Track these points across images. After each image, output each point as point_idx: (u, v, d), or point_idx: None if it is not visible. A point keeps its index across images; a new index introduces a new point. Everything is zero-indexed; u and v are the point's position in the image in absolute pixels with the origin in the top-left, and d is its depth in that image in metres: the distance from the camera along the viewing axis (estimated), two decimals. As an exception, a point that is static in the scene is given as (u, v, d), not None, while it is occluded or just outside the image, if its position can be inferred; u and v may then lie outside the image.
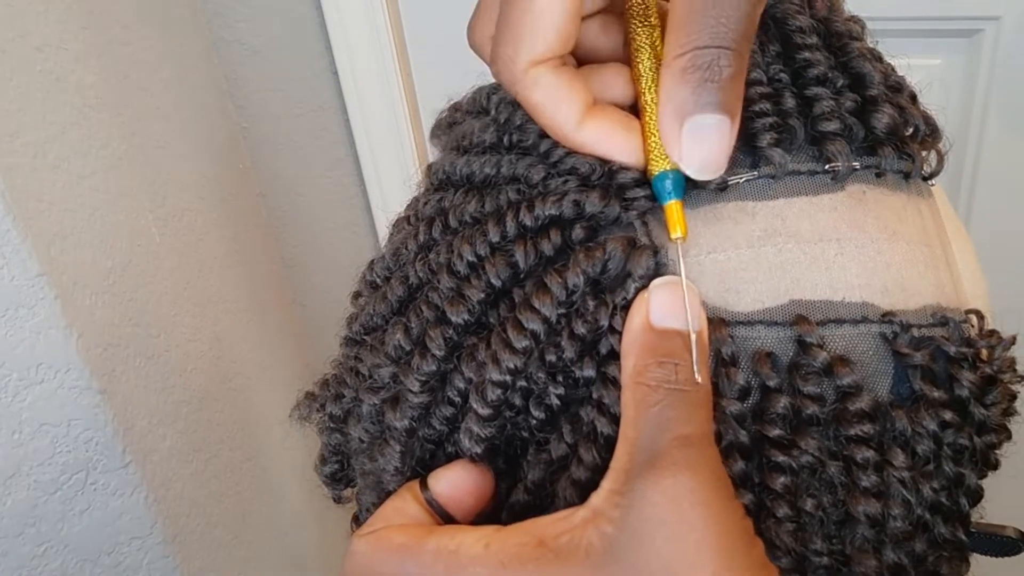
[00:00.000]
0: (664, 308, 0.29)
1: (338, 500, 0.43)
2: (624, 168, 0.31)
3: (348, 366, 0.37)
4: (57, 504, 0.84)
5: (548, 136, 0.32)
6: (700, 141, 0.28)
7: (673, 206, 0.30)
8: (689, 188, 0.30)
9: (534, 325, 0.30)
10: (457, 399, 0.32)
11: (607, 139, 0.31)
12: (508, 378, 0.31)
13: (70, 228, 0.78)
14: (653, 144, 0.30)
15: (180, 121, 1.02)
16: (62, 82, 0.80)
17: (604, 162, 0.31)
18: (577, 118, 0.31)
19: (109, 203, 0.85)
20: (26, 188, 0.73)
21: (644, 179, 0.31)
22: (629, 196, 0.31)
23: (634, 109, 0.32)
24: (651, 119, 0.30)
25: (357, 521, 0.41)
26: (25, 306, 0.74)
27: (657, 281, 0.30)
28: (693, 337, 0.29)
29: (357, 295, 0.39)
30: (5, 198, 0.70)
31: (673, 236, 0.30)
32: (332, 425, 0.39)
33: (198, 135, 1.06)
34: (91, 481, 0.84)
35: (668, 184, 0.30)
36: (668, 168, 0.30)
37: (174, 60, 1.02)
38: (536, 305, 0.30)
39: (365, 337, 0.36)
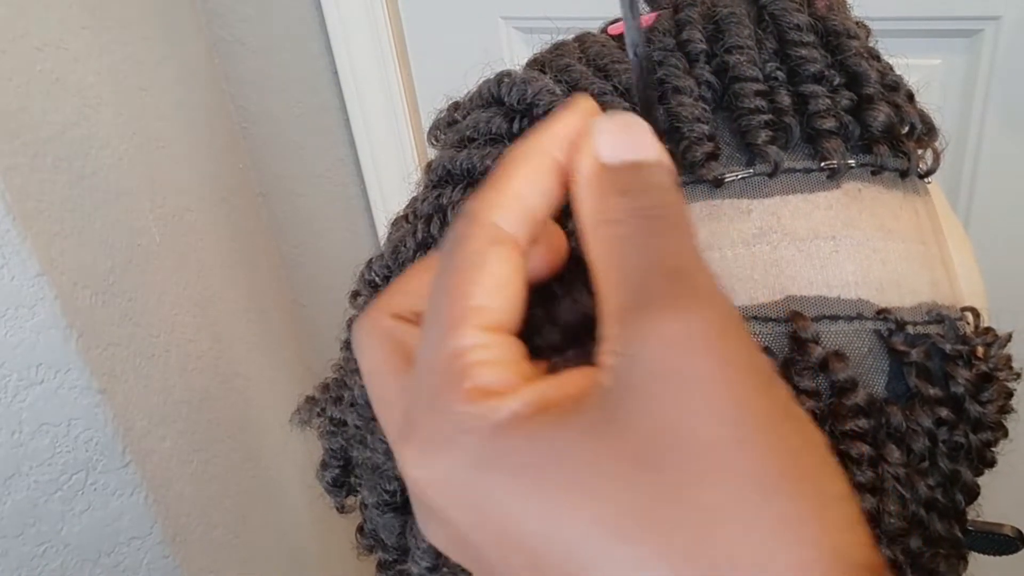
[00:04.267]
0: (617, 142, 0.24)
1: (341, 509, 0.41)
2: None
3: (349, 369, 0.37)
4: (57, 504, 0.84)
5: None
6: None
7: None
8: (684, 184, 0.30)
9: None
10: None
11: None
12: None
13: (70, 228, 0.79)
14: None
15: (180, 121, 1.02)
16: (62, 82, 0.80)
17: None
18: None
19: (109, 203, 0.85)
20: (26, 188, 0.73)
21: None
22: None
23: None
24: None
25: (362, 532, 0.40)
26: (25, 306, 0.74)
27: (602, 118, 0.24)
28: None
29: (356, 294, 0.39)
30: (5, 198, 0.70)
31: None
32: (333, 429, 0.39)
33: (198, 135, 1.06)
34: (91, 481, 0.84)
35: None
36: None
37: (174, 60, 1.02)
38: None
39: None
